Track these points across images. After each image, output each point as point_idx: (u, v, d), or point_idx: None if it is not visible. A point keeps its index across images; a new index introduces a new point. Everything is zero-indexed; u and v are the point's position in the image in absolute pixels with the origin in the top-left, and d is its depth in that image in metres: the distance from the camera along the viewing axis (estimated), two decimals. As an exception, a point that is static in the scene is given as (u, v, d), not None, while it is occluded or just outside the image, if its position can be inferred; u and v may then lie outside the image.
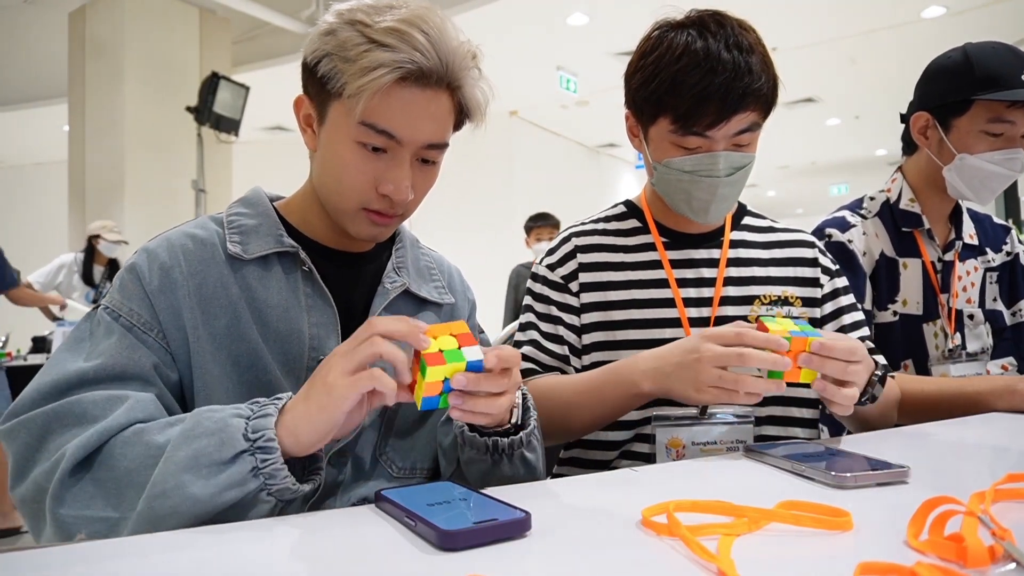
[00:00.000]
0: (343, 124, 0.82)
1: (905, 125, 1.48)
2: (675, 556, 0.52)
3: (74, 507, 0.67)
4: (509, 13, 6.41)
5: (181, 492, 0.63)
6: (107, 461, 0.68)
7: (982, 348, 1.44)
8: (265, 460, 0.65)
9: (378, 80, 0.77)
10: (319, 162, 0.87)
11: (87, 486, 0.68)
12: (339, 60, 0.79)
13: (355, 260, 0.94)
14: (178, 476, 0.63)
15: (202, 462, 0.64)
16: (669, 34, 1.04)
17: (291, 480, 0.66)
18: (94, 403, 0.72)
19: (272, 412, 0.67)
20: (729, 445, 1.01)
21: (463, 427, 0.81)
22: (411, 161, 0.84)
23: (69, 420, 0.71)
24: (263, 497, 0.66)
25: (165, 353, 0.79)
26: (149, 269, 0.81)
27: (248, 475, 0.64)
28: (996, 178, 1.34)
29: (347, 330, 0.88)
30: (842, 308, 1.16)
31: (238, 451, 0.65)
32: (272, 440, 0.65)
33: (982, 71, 1.30)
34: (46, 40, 7.07)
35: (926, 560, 0.49)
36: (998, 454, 0.89)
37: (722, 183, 1.04)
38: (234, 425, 0.66)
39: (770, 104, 1.04)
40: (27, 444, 0.72)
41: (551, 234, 4.63)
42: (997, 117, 1.31)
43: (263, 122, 9.05)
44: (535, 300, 1.16)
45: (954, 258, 1.44)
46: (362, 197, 0.84)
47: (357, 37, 0.78)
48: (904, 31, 6.91)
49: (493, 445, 0.80)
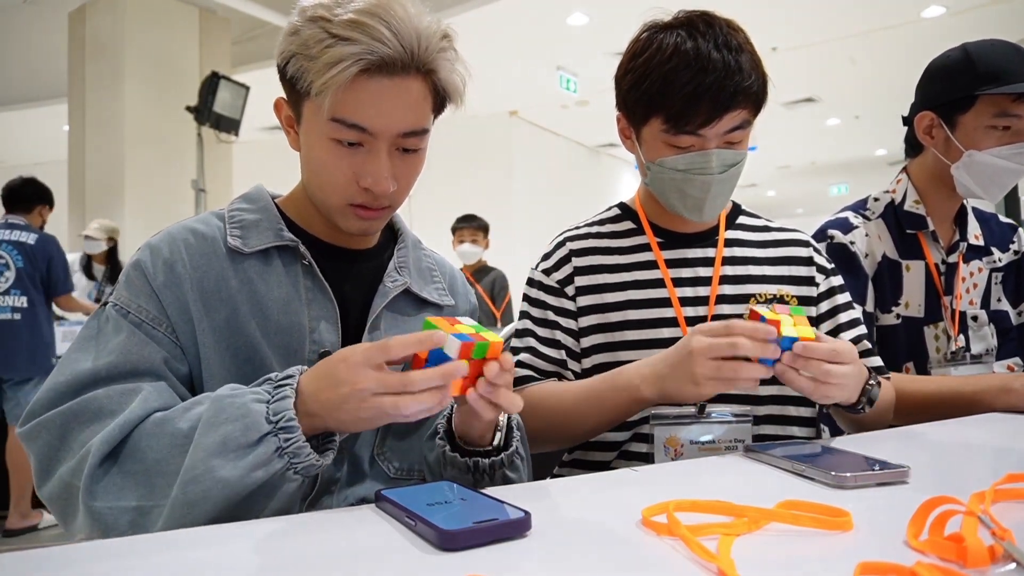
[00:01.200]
0: (316, 123, 0.82)
1: (908, 127, 1.46)
2: (675, 556, 0.52)
3: (107, 499, 0.69)
4: (509, 13, 6.41)
5: (212, 476, 0.65)
6: (134, 453, 0.71)
7: (986, 349, 1.43)
8: (288, 440, 0.67)
9: (341, 75, 0.76)
10: (302, 162, 0.88)
11: (116, 478, 0.70)
12: (304, 59, 0.79)
13: (354, 257, 0.95)
14: (208, 461, 0.66)
15: (230, 446, 0.67)
16: (659, 35, 1.04)
17: (314, 456, 0.69)
18: (109, 398, 0.74)
19: (289, 394, 0.69)
20: (727, 444, 1.01)
21: (445, 446, 0.82)
22: (389, 152, 0.83)
23: (86, 417, 0.73)
24: (290, 476, 0.68)
25: (175, 347, 0.80)
26: (153, 264, 0.82)
27: (273, 455, 0.67)
28: (1006, 173, 1.33)
29: (346, 325, 0.89)
30: (838, 307, 1.16)
31: (263, 433, 0.67)
32: (292, 420, 0.68)
33: (984, 66, 1.30)
34: (46, 40, 7.07)
35: (926, 560, 0.49)
36: (998, 454, 0.89)
37: (715, 180, 1.04)
38: (256, 410, 0.68)
39: (760, 102, 1.05)
40: (49, 444, 0.74)
41: (474, 236, 4.49)
42: (1003, 111, 1.30)
43: (263, 122, 9.04)
44: (531, 305, 1.16)
45: (958, 260, 1.43)
46: (345, 193, 0.84)
47: (319, 33, 0.78)
48: (904, 31, 6.91)
49: (475, 465, 0.81)
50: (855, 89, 8.65)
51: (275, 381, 0.72)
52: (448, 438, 0.83)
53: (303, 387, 0.71)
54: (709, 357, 0.85)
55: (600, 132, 10.45)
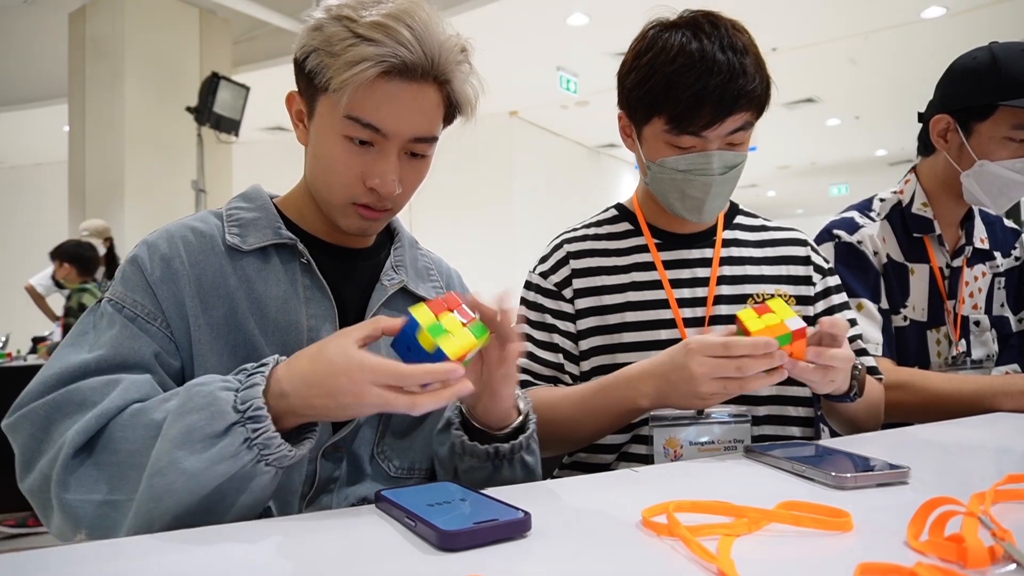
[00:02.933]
0: (330, 118, 0.82)
1: (923, 125, 1.43)
2: (675, 556, 0.52)
3: (79, 492, 0.68)
4: (509, 13, 6.41)
5: (175, 468, 0.63)
6: (108, 444, 0.69)
7: (987, 355, 1.42)
8: (256, 430, 0.64)
9: (362, 74, 0.77)
10: (309, 157, 0.89)
11: (90, 470, 0.69)
12: (325, 55, 0.80)
13: (352, 256, 0.95)
14: (171, 453, 0.63)
15: (194, 437, 0.64)
16: (663, 35, 1.04)
17: (286, 447, 0.66)
18: (92, 389, 0.72)
19: (260, 381, 0.67)
20: (727, 445, 1.01)
21: (462, 436, 0.82)
22: (398, 155, 0.84)
23: (70, 408, 0.72)
24: (261, 468, 0.65)
25: (168, 342, 0.80)
26: (150, 260, 0.82)
27: (241, 447, 0.64)
28: (1015, 186, 1.31)
29: (343, 323, 0.88)
30: (834, 306, 1.17)
31: (229, 423, 0.64)
32: (261, 409, 0.65)
33: (1009, 76, 1.27)
34: (46, 40, 7.07)
35: (926, 561, 0.49)
36: (998, 454, 0.89)
37: (716, 181, 1.04)
38: (223, 398, 0.65)
39: (763, 104, 1.05)
40: (32, 435, 0.72)
41: None
42: (1022, 123, 1.28)
43: (263, 122, 9.05)
44: (528, 309, 1.16)
45: (962, 264, 1.42)
46: (350, 191, 0.85)
47: (343, 32, 0.79)
48: (904, 31, 6.91)
49: (495, 451, 0.81)
50: (855, 89, 8.65)
51: (249, 370, 0.69)
52: (464, 428, 0.83)
53: (280, 378, 0.67)
54: (712, 378, 0.85)
55: (600, 132, 10.45)
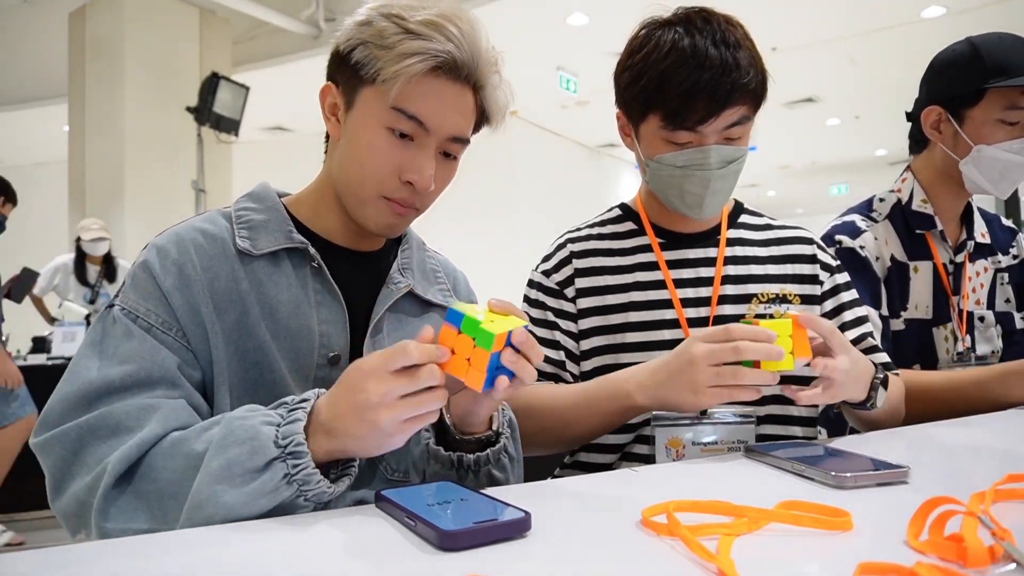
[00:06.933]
0: (373, 109, 0.83)
1: (913, 123, 1.44)
2: (675, 556, 0.52)
3: (119, 520, 0.67)
4: (509, 13, 6.41)
5: (216, 502, 0.63)
6: (149, 474, 0.69)
7: (992, 351, 1.42)
8: (296, 466, 0.64)
9: (415, 66, 0.79)
10: (342, 149, 0.87)
11: (130, 499, 0.68)
12: (375, 47, 0.81)
13: (363, 259, 0.94)
14: (212, 486, 0.63)
15: (235, 471, 0.64)
16: (656, 32, 1.04)
17: (325, 483, 0.66)
18: (127, 414, 0.72)
19: (301, 417, 0.67)
20: (730, 445, 1.00)
21: (430, 439, 0.82)
22: (435, 152, 0.86)
23: (103, 432, 0.71)
24: (300, 503, 0.66)
25: (187, 352, 0.78)
26: (162, 266, 0.80)
27: (281, 483, 0.64)
28: (1016, 168, 1.31)
29: (354, 328, 0.88)
30: (843, 304, 1.15)
31: (270, 458, 0.64)
32: (302, 445, 0.65)
33: (992, 60, 1.28)
34: (46, 40, 7.07)
35: (926, 560, 0.49)
36: (998, 454, 0.89)
37: (714, 176, 1.04)
38: (265, 433, 0.66)
39: (759, 98, 1.04)
40: (63, 458, 0.71)
41: None
42: (1012, 104, 1.28)
43: (263, 122, 9.03)
44: (530, 306, 1.16)
45: (965, 259, 1.42)
46: (384, 184, 0.85)
47: (394, 28, 0.81)
48: (904, 31, 6.91)
49: (459, 460, 0.80)
50: (855, 89, 8.64)
51: (290, 404, 0.70)
52: (435, 431, 0.83)
53: (320, 409, 0.68)
54: (710, 363, 0.85)
55: (600, 132, 10.44)
